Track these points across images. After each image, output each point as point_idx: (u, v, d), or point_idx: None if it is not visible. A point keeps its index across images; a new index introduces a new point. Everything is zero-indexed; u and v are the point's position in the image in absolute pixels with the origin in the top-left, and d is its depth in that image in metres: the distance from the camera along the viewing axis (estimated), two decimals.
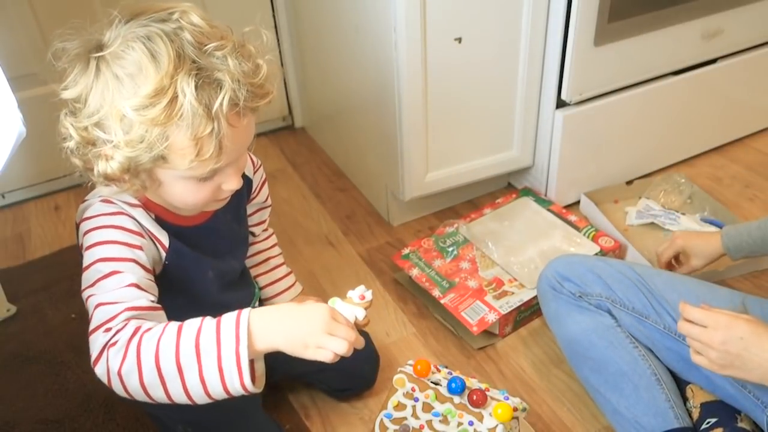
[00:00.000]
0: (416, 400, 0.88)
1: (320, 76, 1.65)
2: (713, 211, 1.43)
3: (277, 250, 1.11)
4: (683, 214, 1.42)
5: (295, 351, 0.70)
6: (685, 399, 0.97)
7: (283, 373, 1.08)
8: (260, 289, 1.09)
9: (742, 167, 1.63)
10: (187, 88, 0.65)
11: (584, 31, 1.26)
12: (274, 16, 1.71)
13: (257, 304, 1.06)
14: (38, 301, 1.31)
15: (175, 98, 0.65)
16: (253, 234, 1.07)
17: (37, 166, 1.60)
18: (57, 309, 1.29)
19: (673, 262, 1.22)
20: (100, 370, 0.69)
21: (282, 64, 1.79)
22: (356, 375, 1.09)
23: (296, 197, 1.61)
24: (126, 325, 0.68)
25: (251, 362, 0.70)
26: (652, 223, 1.42)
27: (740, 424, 0.91)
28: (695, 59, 1.47)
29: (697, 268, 1.17)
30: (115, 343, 0.67)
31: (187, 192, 0.75)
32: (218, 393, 0.68)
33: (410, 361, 0.92)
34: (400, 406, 0.89)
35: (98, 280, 0.71)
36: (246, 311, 0.69)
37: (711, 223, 1.39)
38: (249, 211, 1.02)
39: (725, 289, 0.99)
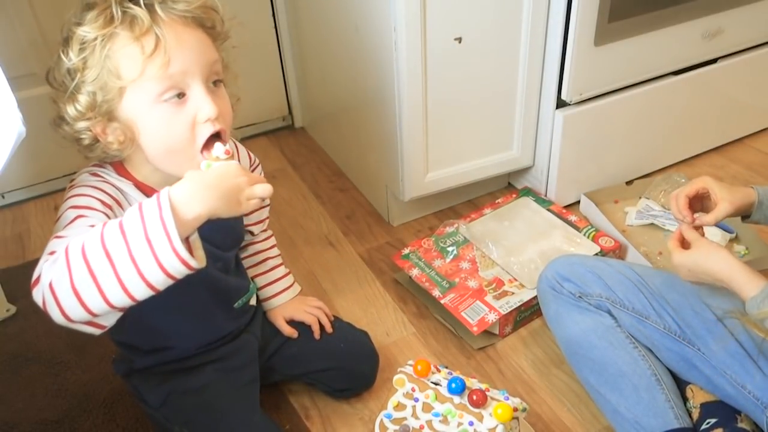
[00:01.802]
0: (416, 400, 0.88)
1: (320, 75, 1.65)
2: None
3: (275, 251, 1.12)
4: None
5: (231, 210, 0.70)
6: (685, 399, 0.97)
7: (283, 373, 1.08)
8: (258, 288, 1.09)
9: (742, 167, 1.63)
10: (122, 1, 0.74)
11: (584, 31, 1.26)
12: (274, 16, 1.71)
13: (255, 302, 1.06)
14: None
15: (111, 11, 0.74)
16: (251, 233, 1.07)
17: (37, 166, 1.60)
18: None
19: (688, 223, 0.99)
20: (36, 294, 0.67)
21: (282, 64, 1.79)
22: (356, 375, 1.09)
23: (296, 197, 1.61)
24: None
25: (188, 244, 0.67)
26: (652, 224, 1.42)
27: (740, 425, 0.91)
28: (695, 59, 1.47)
29: (723, 212, 0.97)
30: (48, 260, 0.67)
31: (162, 126, 0.76)
32: (154, 273, 0.64)
33: (410, 361, 0.92)
34: (400, 407, 0.89)
35: (64, 227, 0.73)
36: (165, 189, 0.67)
37: None
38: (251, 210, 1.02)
39: (726, 289, 0.98)
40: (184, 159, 0.79)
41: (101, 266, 0.64)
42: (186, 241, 0.66)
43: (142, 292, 0.66)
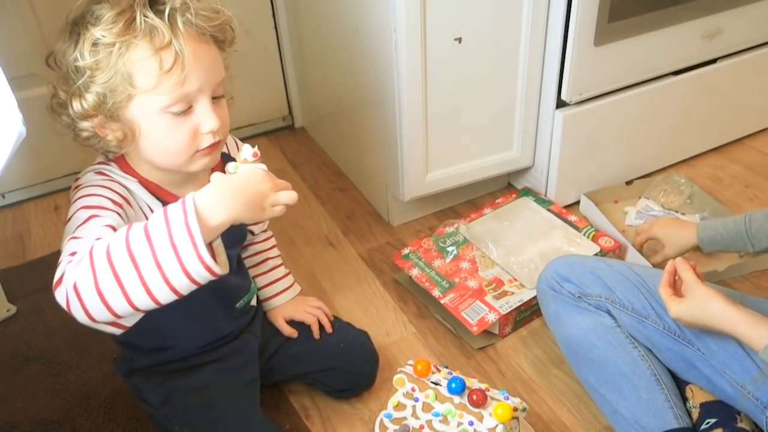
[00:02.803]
0: (416, 400, 0.88)
1: (320, 76, 1.65)
2: (713, 211, 1.43)
3: (275, 251, 1.12)
4: (683, 214, 1.42)
5: (254, 216, 0.71)
6: (684, 399, 0.97)
7: (283, 373, 1.08)
8: (259, 289, 1.09)
9: (742, 167, 1.63)
10: (143, 8, 0.73)
11: (584, 31, 1.26)
12: (274, 16, 1.71)
13: (255, 302, 1.06)
14: (38, 301, 1.31)
15: (133, 18, 0.73)
16: (251, 232, 1.07)
17: (37, 166, 1.60)
18: (57, 309, 1.24)
19: (644, 251, 1.27)
20: (59, 294, 0.67)
21: (282, 64, 1.79)
22: (356, 375, 1.09)
23: None
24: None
25: (211, 249, 0.68)
26: None
27: (740, 425, 0.91)
28: (695, 59, 1.47)
29: (669, 257, 1.20)
30: (71, 261, 0.67)
31: (165, 133, 0.77)
32: (178, 278, 0.65)
33: (410, 361, 0.92)
34: (400, 406, 0.89)
35: (77, 227, 0.73)
36: (190, 194, 0.68)
37: None
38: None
39: (724, 289, 0.99)
40: (180, 160, 0.80)
41: (126, 270, 0.64)
42: (209, 247, 0.67)
43: (166, 297, 0.67)
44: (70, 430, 1.07)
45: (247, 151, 0.75)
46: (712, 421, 0.91)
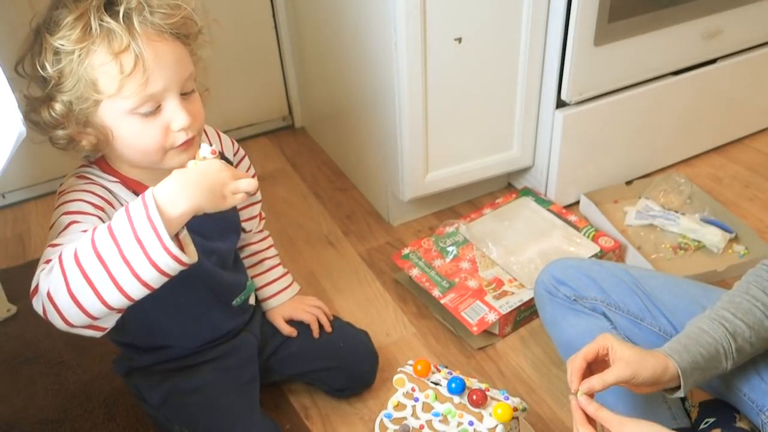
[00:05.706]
0: (416, 400, 0.88)
1: (320, 76, 1.65)
2: (713, 211, 1.43)
3: (272, 251, 1.12)
4: (683, 214, 1.42)
5: (216, 204, 0.71)
6: (683, 398, 0.96)
7: (282, 372, 1.09)
8: (257, 288, 1.09)
9: (742, 167, 1.63)
10: (98, 13, 0.72)
11: (584, 31, 1.26)
12: (274, 16, 1.71)
13: (253, 301, 1.06)
14: None
15: (89, 23, 0.72)
16: (244, 230, 1.06)
17: (37, 166, 1.60)
18: None
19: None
20: (36, 304, 0.68)
21: (282, 64, 1.79)
22: (355, 374, 1.09)
23: (296, 197, 1.61)
24: None
25: (179, 242, 0.68)
26: (651, 224, 1.42)
27: (738, 424, 0.91)
28: (695, 59, 1.47)
29: (617, 376, 0.80)
30: (44, 269, 0.68)
31: (136, 133, 0.77)
32: (147, 272, 0.66)
33: (410, 361, 0.92)
34: (400, 406, 0.89)
35: (59, 233, 0.73)
36: (148, 189, 0.68)
37: (711, 223, 1.39)
38: (239, 205, 1.02)
39: (721, 290, 0.98)
40: (155, 158, 0.80)
41: (96, 271, 0.65)
42: (176, 238, 0.67)
43: (138, 292, 0.67)
44: (70, 430, 1.07)
45: (205, 149, 0.75)
46: (711, 420, 0.91)
